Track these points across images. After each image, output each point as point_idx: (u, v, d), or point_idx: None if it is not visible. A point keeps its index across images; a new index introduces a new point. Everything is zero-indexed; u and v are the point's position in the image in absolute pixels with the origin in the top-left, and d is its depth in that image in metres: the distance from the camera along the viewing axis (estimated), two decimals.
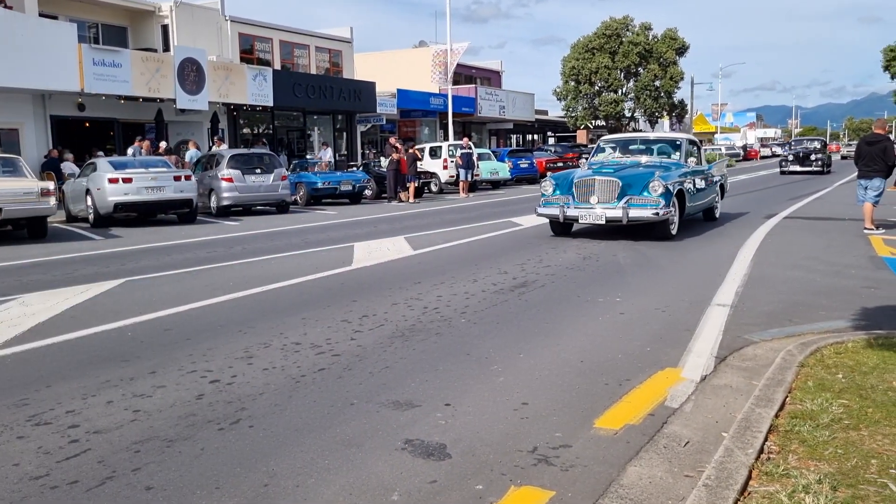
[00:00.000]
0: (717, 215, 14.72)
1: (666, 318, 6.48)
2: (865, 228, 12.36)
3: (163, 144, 22.14)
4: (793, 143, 39.64)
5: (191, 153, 21.76)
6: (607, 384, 4.72)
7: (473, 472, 3.46)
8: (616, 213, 11.37)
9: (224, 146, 22.90)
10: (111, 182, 16.01)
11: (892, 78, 53.11)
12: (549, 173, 15.78)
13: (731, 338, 5.78)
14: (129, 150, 20.88)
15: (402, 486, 3.33)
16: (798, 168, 34.58)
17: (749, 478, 3.23)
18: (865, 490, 3.09)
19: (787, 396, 4.24)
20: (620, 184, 11.52)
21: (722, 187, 15.14)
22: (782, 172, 34.85)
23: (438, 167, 28.16)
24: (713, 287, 7.79)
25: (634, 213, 11.31)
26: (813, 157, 34.80)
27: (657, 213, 11.24)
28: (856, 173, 13.34)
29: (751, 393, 4.33)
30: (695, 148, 14.09)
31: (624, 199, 11.39)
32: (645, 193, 11.37)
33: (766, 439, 3.63)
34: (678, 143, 13.76)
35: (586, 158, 14.86)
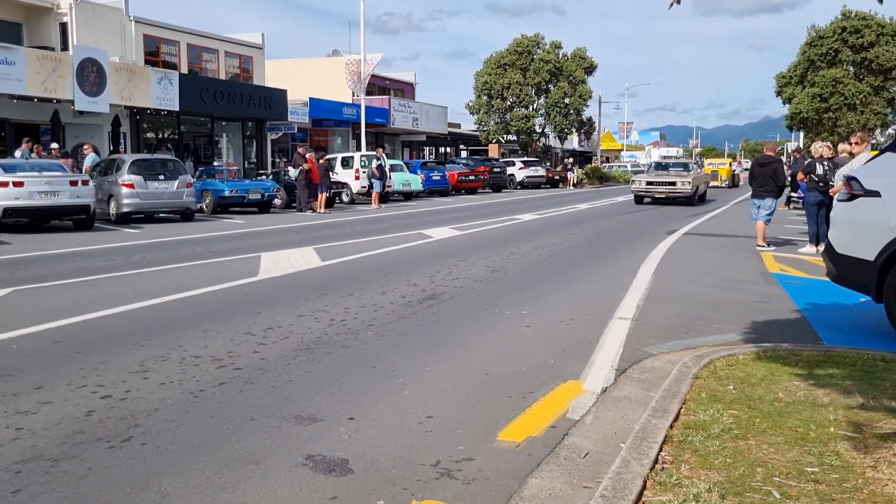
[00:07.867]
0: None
1: (570, 331, 6.61)
2: (758, 245, 13.01)
3: (54, 146, 21.03)
4: None
5: (90, 157, 20.82)
6: (511, 397, 4.76)
7: (375, 488, 3.42)
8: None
9: None
10: (0, 185, 15.15)
11: (784, 103, 56.32)
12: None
13: (632, 350, 5.95)
14: (17, 153, 19.78)
15: (301, 503, 3.26)
16: None
17: (644, 488, 3.31)
18: (751, 498, 3.22)
19: (681, 407, 4.39)
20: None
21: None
22: None
23: (350, 177, 27.98)
24: (616, 300, 8.01)
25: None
26: None
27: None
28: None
29: (648, 404, 4.45)
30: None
31: None
32: None
33: (660, 450, 3.73)
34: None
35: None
